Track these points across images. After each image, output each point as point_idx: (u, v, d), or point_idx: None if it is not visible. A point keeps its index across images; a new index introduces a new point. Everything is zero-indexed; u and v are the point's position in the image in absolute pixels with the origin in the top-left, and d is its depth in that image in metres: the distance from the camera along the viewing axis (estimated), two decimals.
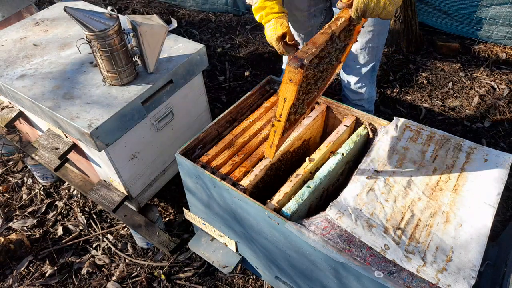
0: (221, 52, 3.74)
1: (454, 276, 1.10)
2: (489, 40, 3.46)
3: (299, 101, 1.27)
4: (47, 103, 1.79)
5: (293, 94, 1.14)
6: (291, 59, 1.07)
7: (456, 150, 1.44)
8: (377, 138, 1.51)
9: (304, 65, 1.05)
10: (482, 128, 2.88)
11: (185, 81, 2.04)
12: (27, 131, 2.54)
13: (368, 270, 1.15)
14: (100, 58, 1.74)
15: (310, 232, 1.24)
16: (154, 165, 2.17)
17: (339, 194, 1.34)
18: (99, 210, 2.61)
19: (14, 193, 2.76)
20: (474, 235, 1.19)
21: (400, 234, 1.21)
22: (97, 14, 1.67)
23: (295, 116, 1.35)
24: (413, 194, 1.32)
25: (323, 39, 1.14)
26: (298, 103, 1.26)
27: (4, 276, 2.30)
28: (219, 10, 4.27)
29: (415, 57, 3.49)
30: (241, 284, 2.17)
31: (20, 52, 2.12)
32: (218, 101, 3.26)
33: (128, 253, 2.37)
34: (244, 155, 1.54)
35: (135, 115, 1.83)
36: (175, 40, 2.11)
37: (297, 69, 1.06)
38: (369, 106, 2.30)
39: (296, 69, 1.06)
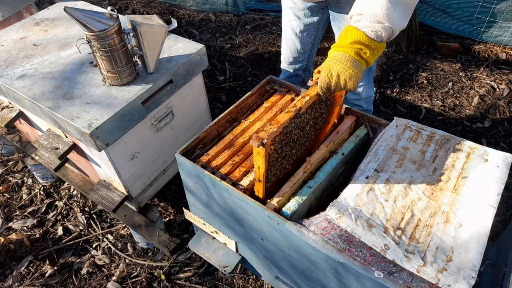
0: (222, 52, 3.75)
1: (454, 276, 1.10)
2: (489, 40, 3.46)
3: (278, 162, 1.38)
4: (47, 103, 1.79)
5: (263, 164, 1.25)
6: (254, 138, 1.18)
7: (456, 150, 1.44)
8: (377, 138, 1.51)
9: (264, 144, 1.17)
10: (482, 128, 2.88)
11: (185, 81, 2.04)
12: (27, 131, 2.53)
13: (368, 270, 1.15)
14: (100, 58, 1.74)
15: (310, 232, 1.24)
16: (154, 165, 2.17)
17: (339, 194, 1.34)
18: (99, 210, 2.61)
19: (14, 193, 2.76)
20: (474, 235, 1.19)
21: (400, 234, 1.21)
22: (97, 14, 1.67)
23: (285, 162, 1.44)
24: (413, 194, 1.32)
25: (287, 117, 1.26)
26: (277, 164, 1.37)
27: (4, 276, 2.30)
28: (219, 10, 4.28)
29: (415, 57, 3.49)
30: (241, 284, 2.17)
31: (20, 52, 2.12)
32: (218, 101, 3.26)
33: (128, 253, 2.37)
34: (244, 155, 1.54)
35: (135, 115, 1.83)
36: (175, 40, 2.11)
37: (258, 148, 1.19)
38: (368, 105, 2.31)
39: (258, 148, 1.19)
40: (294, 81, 2.41)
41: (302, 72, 2.38)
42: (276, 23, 4.05)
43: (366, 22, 1.26)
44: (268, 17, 4.13)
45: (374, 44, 1.28)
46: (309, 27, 2.12)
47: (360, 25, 1.27)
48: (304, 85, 2.49)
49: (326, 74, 1.29)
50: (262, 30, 3.99)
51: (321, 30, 2.19)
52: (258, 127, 1.64)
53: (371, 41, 1.27)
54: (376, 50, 1.30)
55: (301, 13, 2.07)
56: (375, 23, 1.26)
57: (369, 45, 1.27)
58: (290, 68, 2.35)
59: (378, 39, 1.28)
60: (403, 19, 1.28)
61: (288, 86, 1.83)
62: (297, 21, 2.11)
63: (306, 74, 2.43)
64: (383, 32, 1.27)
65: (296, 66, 2.33)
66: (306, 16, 2.07)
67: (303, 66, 2.34)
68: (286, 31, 2.20)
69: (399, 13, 1.26)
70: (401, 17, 1.27)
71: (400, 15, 1.26)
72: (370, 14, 1.25)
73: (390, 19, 1.25)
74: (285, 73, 2.40)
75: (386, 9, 1.24)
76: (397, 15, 1.26)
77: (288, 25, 2.16)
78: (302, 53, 2.26)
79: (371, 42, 1.27)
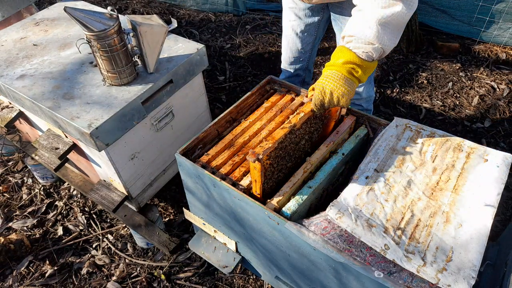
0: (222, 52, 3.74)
1: (454, 276, 1.10)
2: (489, 40, 3.46)
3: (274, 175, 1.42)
4: (47, 103, 1.79)
5: (259, 178, 1.31)
6: (250, 154, 1.23)
7: (456, 150, 1.44)
8: (377, 138, 1.51)
9: (260, 159, 1.23)
10: (482, 128, 2.88)
11: (185, 81, 2.04)
12: (27, 131, 2.54)
13: (368, 270, 1.15)
14: (100, 58, 1.74)
15: (310, 232, 1.24)
16: (154, 165, 2.17)
17: (339, 194, 1.34)
18: (99, 210, 2.61)
19: (14, 193, 2.77)
20: (474, 235, 1.19)
21: (400, 234, 1.21)
22: (97, 14, 1.67)
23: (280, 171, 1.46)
24: (413, 194, 1.32)
25: (282, 133, 1.32)
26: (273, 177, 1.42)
27: (4, 276, 2.30)
28: (219, 10, 4.28)
29: (415, 57, 3.49)
30: (241, 284, 2.17)
31: (20, 52, 2.12)
32: (218, 101, 3.26)
33: (128, 253, 2.37)
34: (244, 155, 1.54)
35: (135, 115, 1.83)
36: (175, 40, 2.11)
37: (254, 163, 1.25)
38: (368, 105, 2.31)
39: (254, 163, 1.25)
40: (294, 81, 2.41)
41: (302, 72, 2.39)
42: (276, 23, 4.05)
43: (357, 44, 1.32)
44: (268, 17, 4.13)
45: (365, 64, 1.34)
46: (310, 27, 2.13)
47: (352, 46, 1.33)
48: (304, 85, 2.49)
49: (320, 92, 1.35)
50: (262, 30, 3.99)
51: (321, 30, 2.19)
52: (258, 127, 1.64)
53: (362, 61, 1.33)
54: (368, 69, 1.36)
55: (301, 13, 2.07)
56: (366, 44, 1.31)
57: (360, 65, 1.33)
58: (291, 68, 2.35)
59: (369, 59, 1.34)
60: (393, 39, 1.34)
61: (288, 86, 1.83)
62: (298, 21, 2.11)
63: (307, 74, 2.43)
64: (374, 52, 1.32)
65: (296, 66, 2.33)
66: (307, 16, 2.07)
67: (303, 66, 2.34)
68: (286, 31, 2.20)
69: (389, 34, 1.31)
70: (391, 37, 1.32)
71: (390, 36, 1.32)
72: (361, 36, 1.31)
73: (380, 41, 1.31)
74: (285, 73, 2.40)
75: (376, 31, 1.29)
76: (387, 36, 1.31)
77: (288, 25, 2.16)
78: (303, 53, 2.26)
79: (362, 62, 1.33)
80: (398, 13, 1.28)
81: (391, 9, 1.28)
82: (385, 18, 1.29)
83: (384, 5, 1.28)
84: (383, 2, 1.28)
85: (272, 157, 1.33)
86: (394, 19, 1.29)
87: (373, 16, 1.29)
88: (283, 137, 1.33)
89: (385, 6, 1.28)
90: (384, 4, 1.28)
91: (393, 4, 1.28)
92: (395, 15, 1.28)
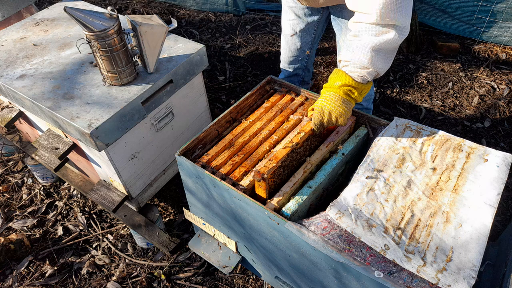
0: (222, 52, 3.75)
1: (454, 276, 1.10)
2: (489, 40, 3.47)
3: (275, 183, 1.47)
4: (47, 103, 1.79)
5: (265, 195, 1.40)
6: (255, 174, 1.33)
7: (456, 150, 1.44)
8: (377, 138, 1.51)
9: (265, 178, 1.32)
10: (482, 128, 2.88)
11: (185, 81, 2.04)
12: (27, 131, 2.54)
13: (368, 270, 1.15)
14: (100, 58, 1.74)
15: (310, 232, 1.24)
16: (154, 165, 2.17)
17: (339, 194, 1.34)
18: (99, 210, 2.61)
19: (14, 193, 2.77)
20: (474, 235, 1.19)
21: (400, 234, 1.21)
22: (97, 14, 1.67)
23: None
24: (413, 194, 1.32)
25: (284, 153, 1.40)
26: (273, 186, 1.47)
27: (4, 276, 2.30)
28: (219, 10, 4.28)
29: (415, 57, 3.49)
30: (241, 284, 2.17)
31: (20, 52, 2.12)
32: (218, 101, 3.26)
33: (128, 253, 2.37)
34: (244, 155, 1.54)
35: (135, 115, 1.83)
36: (175, 40, 2.11)
37: (259, 181, 1.34)
38: (368, 104, 2.31)
39: (259, 182, 1.35)
40: (293, 81, 2.41)
41: (301, 71, 2.38)
42: (276, 23, 4.05)
43: (352, 68, 1.40)
44: (268, 17, 4.13)
45: (361, 86, 1.41)
46: (309, 26, 2.13)
47: (348, 70, 1.41)
48: (304, 85, 2.49)
49: (319, 112, 1.43)
50: (262, 30, 3.99)
51: (321, 29, 2.19)
52: (258, 127, 1.64)
53: (357, 83, 1.41)
54: (364, 90, 1.44)
55: (301, 12, 2.07)
56: (361, 69, 1.39)
57: (356, 87, 1.41)
58: (290, 68, 2.35)
59: (364, 81, 1.42)
60: (387, 63, 1.42)
61: (288, 86, 1.83)
62: (297, 20, 2.11)
63: (306, 74, 2.43)
64: (368, 76, 1.41)
65: (295, 66, 2.33)
66: (306, 15, 2.07)
67: (302, 65, 2.34)
68: (286, 30, 2.20)
69: (382, 59, 1.40)
70: (385, 61, 1.41)
71: (383, 60, 1.40)
72: (356, 62, 1.39)
73: (374, 65, 1.39)
74: (284, 72, 2.40)
75: (370, 57, 1.37)
76: (381, 61, 1.39)
77: (288, 24, 2.16)
78: (302, 52, 2.26)
79: (358, 84, 1.41)
80: (391, 40, 1.35)
81: (384, 36, 1.35)
82: (378, 45, 1.36)
83: (378, 32, 1.35)
84: (377, 30, 1.35)
85: (276, 175, 1.42)
86: (387, 45, 1.36)
87: (367, 43, 1.36)
88: (285, 157, 1.41)
89: (379, 34, 1.35)
90: (377, 32, 1.35)
91: (386, 31, 1.34)
92: (388, 42, 1.35)
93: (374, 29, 1.35)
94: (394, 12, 1.31)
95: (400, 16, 1.32)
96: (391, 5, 1.30)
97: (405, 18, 1.33)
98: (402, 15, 1.32)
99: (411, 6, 1.35)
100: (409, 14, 1.35)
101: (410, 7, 1.35)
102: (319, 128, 1.48)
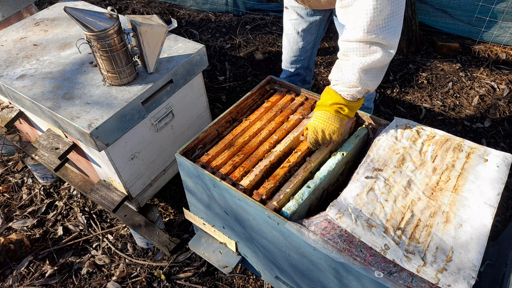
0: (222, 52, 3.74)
1: (454, 276, 1.10)
2: (489, 40, 3.46)
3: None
4: (47, 103, 1.79)
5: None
6: (255, 195, 1.38)
7: (456, 150, 1.44)
8: (377, 138, 1.51)
9: (263, 200, 1.37)
10: (482, 128, 2.88)
11: (185, 81, 2.04)
12: (27, 131, 2.54)
13: (368, 270, 1.15)
14: (100, 58, 1.74)
15: (310, 232, 1.24)
16: (154, 165, 2.17)
17: (339, 194, 1.34)
18: (99, 210, 2.61)
19: (14, 193, 2.77)
20: (474, 235, 1.19)
21: (400, 234, 1.21)
22: (97, 14, 1.67)
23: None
24: (413, 194, 1.32)
25: (282, 173, 1.45)
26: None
27: (4, 276, 2.30)
28: (219, 10, 4.28)
29: (415, 57, 3.49)
30: (241, 284, 2.17)
31: (20, 52, 2.12)
32: (218, 101, 3.26)
33: (128, 253, 2.37)
34: (244, 155, 1.54)
35: (135, 115, 1.83)
36: (175, 40, 2.11)
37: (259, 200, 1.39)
38: (368, 103, 2.31)
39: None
40: (295, 80, 2.41)
41: (303, 71, 2.38)
42: (276, 23, 4.05)
43: (342, 87, 1.43)
44: (268, 17, 4.13)
45: (351, 103, 1.44)
46: (311, 26, 2.13)
47: (338, 89, 1.44)
48: (305, 84, 2.49)
49: (313, 131, 1.48)
50: (262, 30, 3.99)
51: (322, 29, 2.19)
52: (258, 127, 1.64)
53: (347, 101, 1.44)
54: (355, 107, 1.47)
55: (303, 12, 2.07)
56: (350, 87, 1.41)
57: (346, 105, 1.44)
58: (292, 67, 2.35)
59: (353, 99, 1.44)
60: (376, 81, 1.44)
61: (288, 86, 1.83)
62: (299, 19, 2.11)
63: (307, 73, 2.43)
64: (358, 94, 1.43)
65: (297, 65, 2.33)
66: (308, 14, 2.08)
67: (304, 65, 2.34)
68: (288, 30, 2.21)
69: (371, 77, 1.41)
70: (373, 80, 1.42)
71: (372, 79, 1.41)
72: (345, 81, 1.41)
73: (363, 84, 1.40)
74: (286, 72, 2.40)
75: (359, 77, 1.39)
76: (370, 79, 1.41)
77: (290, 24, 2.17)
78: (304, 52, 2.26)
79: (348, 102, 1.44)
80: (378, 60, 1.35)
81: (371, 57, 1.36)
82: (365, 65, 1.37)
83: (365, 53, 1.36)
84: (364, 50, 1.36)
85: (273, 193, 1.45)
86: (375, 65, 1.37)
87: (355, 64, 1.38)
88: (283, 176, 1.45)
89: (366, 54, 1.36)
90: (364, 52, 1.36)
91: (373, 51, 1.35)
92: (375, 62, 1.36)
93: (362, 49, 1.35)
94: (382, 29, 1.30)
95: (388, 34, 1.31)
96: (379, 21, 1.29)
97: (392, 36, 1.33)
98: (390, 33, 1.31)
99: (400, 26, 1.34)
100: (397, 33, 1.34)
101: (399, 27, 1.33)
102: (315, 146, 1.52)
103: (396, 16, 1.30)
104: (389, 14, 1.28)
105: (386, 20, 1.29)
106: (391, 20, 1.30)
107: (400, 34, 1.37)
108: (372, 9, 1.27)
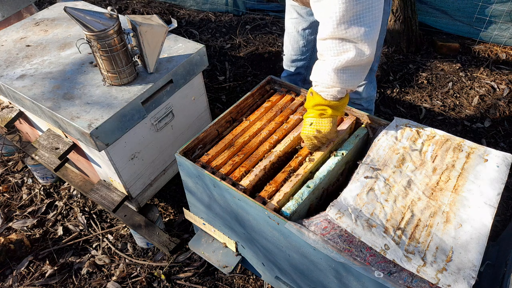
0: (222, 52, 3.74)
1: (454, 276, 1.10)
2: (489, 40, 3.46)
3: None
4: (47, 103, 1.79)
5: None
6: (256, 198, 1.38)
7: (456, 150, 1.44)
8: (377, 138, 1.51)
9: (266, 202, 1.37)
10: (482, 128, 2.88)
11: (185, 81, 2.04)
12: (27, 131, 2.54)
13: (368, 270, 1.15)
14: (100, 58, 1.74)
15: (310, 232, 1.24)
16: (154, 165, 2.17)
17: (339, 194, 1.34)
18: (99, 210, 2.61)
19: (14, 193, 2.77)
20: (474, 235, 1.19)
21: (400, 234, 1.21)
22: (97, 14, 1.67)
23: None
24: (413, 194, 1.32)
25: (283, 177, 1.45)
26: None
27: (4, 276, 2.30)
28: (219, 10, 4.28)
29: (415, 57, 3.49)
30: (241, 284, 2.17)
31: (20, 52, 2.12)
32: (218, 101, 3.26)
33: (128, 253, 2.37)
34: (244, 155, 1.54)
35: (135, 115, 1.83)
36: (175, 40, 2.11)
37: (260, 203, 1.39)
38: (368, 105, 2.31)
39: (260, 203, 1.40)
40: (295, 79, 2.41)
41: (304, 70, 2.38)
42: (276, 23, 4.05)
43: (321, 88, 1.42)
44: (268, 17, 4.13)
45: (333, 103, 1.43)
46: (312, 25, 2.13)
47: (318, 90, 1.43)
48: (306, 84, 2.49)
49: (306, 139, 1.49)
50: (262, 30, 3.99)
51: None
52: (258, 127, 1.64)
53: (329, 102, 1.42)
54: (339, 106, 1.44)
55: (304, 11, 2.07)
56: (328, 88, 1.40)
57: (328, 105, 1.43)
58: (292, 66, 2.35)
59: (334, 99, 1.42)
60: (357, 79, 1.39)
61: (288, 86, 1.83)
62: (300, 18, 2.11)
63: (308, 72, 2.43)
64: (338, 94, 1.40)
65: (298, 64, 2.33)
66: (308, 14, 2.08)
67: (305, 64, 2.34)
68: (289, 29, 2.21)
69: (349, 76, 1.37)
70: (353, 78, 1.38)
71: (351, 78, 1.37)
72: (323, 82, 1.40)
73: (342, 84, 1.38)
74: (287, 71, 2.40)
75: (335, 77, 1.36)
76: (348, 78, 1.37)
77: (291, 23, 2.17)
78: (305, 51, 2.26)
79: (329, 102, 1.42)
80: (353, 58, 1.32)
81: (344, 56, 1.32)
82: (340, 65, 1.34)
83: (338, 52, 1.33)
84: (337, 49, 1.32)
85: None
86: (350, 64, 1.33)
87: (329, 64, 1.36)
88: (283, 181, 1.45)
89: (339, 53, 1.33)
90: (337, 51, 1.32)
91: (346, 50, 1.31)
92: (350, 61, 1.32)
93: (335, 47, 1.32)
94: (354, 25, 1.25)
95: (359, 31, 1.25)
96: (350, 15, 1.24)
97: (364, 35, 1.26)
98: (361, 30, 1.25)
99: (375, 24, 1.28)
100: (372, 32, 1.27)
101: (374, 25, 1.27)
102: (313, 150, 1.53)
103: (370, 12, 1.25)
104: (363, 9, 1.23)
105: (358, 15, 1.24)
106: (364, 16, 1.24)
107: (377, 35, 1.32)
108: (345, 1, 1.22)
